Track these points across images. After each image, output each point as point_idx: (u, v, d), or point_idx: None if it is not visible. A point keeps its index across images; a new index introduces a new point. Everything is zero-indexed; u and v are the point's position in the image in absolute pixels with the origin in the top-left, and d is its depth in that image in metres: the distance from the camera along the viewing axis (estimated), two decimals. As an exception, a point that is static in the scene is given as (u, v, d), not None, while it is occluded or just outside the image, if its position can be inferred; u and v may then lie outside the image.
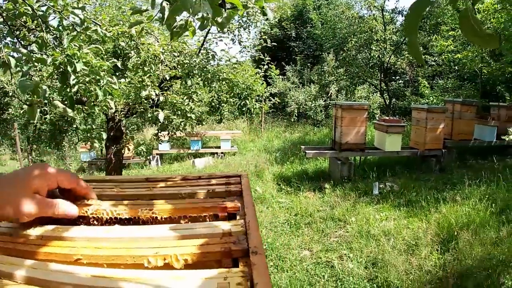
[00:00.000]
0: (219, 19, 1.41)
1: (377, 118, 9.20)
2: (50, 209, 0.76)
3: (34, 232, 0.75)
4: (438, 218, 5.57)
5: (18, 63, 2.40)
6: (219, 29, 1.57)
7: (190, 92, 5.32)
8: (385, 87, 14.69)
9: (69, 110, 2.42)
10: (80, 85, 2.96)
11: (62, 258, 0.65)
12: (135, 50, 5.29)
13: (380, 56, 13.24)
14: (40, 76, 4.60)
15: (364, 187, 7.30)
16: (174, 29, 1.58)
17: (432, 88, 14.31)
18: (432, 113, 7.83)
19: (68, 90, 2.88)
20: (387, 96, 14.55)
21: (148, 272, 0.59)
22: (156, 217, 0.77)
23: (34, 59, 2.32)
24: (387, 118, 8.37)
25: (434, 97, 13.29)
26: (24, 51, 2.28)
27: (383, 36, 13.05)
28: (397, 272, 4.32)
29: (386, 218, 5.85)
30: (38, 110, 2.09)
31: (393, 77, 16.37)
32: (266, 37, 6.20)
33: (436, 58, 14.75)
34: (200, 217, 0.76)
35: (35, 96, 2.02)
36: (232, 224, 0.72)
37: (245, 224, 0.72)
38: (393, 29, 13.72)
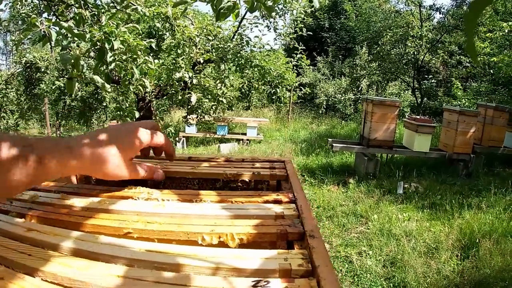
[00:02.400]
0: (269, 2, 1.38)
1: (407, 117, 9.00)
2: (140, 174, 0.82)
3: (79, 203, 0.74)
4: (460, 223, 5.44)
5: (58, 37, 2.43)
6: (267, 13, 1.54)
7: (222, 76, 5.31)
8: (417, 86, 14.36)
9: (107, 86, 2.44)
10: (117, 62, 2.97)
11: (111, 231, 0.64)
12: (170, 32, 5.29)
13: (415, 53, 12.92)
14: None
15: (388, 185, 7.18)
16: (221, 11, 1.56)
17: (465, 90, 13.87)
18: (464, 116, 7.59)
19: (104, 67, 2.90)
20: (419, 95, 14.23)
21: (205, 249, 0.57)
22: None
23: (75, 33, 2.33)
24: (418, 117, 8.16)
25: (466, 99, 12.85)
26: (65, 25, 2.30)
27: (419, 33, 12.70)
28: (415, 273, 4.24)
29: (408, 218, 5.75)
30: (77, 84, 2.11)
31: (426, 76, 15.96)
32: (302, 25, 6.12)
33: (471, 60, 14.30)
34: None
35: (75, 70, 2.04)
36: (284, 207, 0.70)
37: (297, 208, 0.70)
38: (429, 26, 13.33)
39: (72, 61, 1.93)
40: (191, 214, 0.67)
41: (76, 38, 2.63)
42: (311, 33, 6.60)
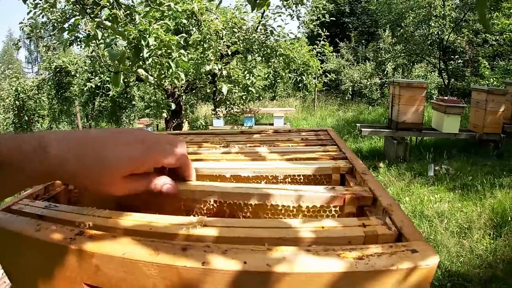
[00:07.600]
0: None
1: (434, 99, 8.90)
2: (142, 187, 0.62)
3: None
4: (492, 203, 5.43)
5: (103, 36, 2.60)
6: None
7: (250, 67, 5.44)
8: (443, 66, 14.11)
9: (150, 78, 2.60)
10: (153, 57, 3.14)
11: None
12: (196, 27, 5.45)
13: (439, 33, 12.70)
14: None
15: (419, 168, 7.18)
16: (258, 1, 1.68)
17: (492, 69, 13.50)
18: (493, 95, 7.43)
19: (141, 63, 3.08)
20: (446, 76, 13.99)
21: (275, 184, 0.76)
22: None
23: (118, 32, 2.50)
24: (446, 98, 8.07)
25: (494, 78, 12.49)
26: (109, 24, 2.47)
27: (442, 12, 12.47)
28: (448, 253, 4.28)
29: (440, 200, 5.75)
30: (122, 78, 2.27)
31: (452, 56, 15.65)
32: (325, 11, 6.18)
33: (498, 37, 13.94)
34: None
35: (121, 65, 2.21)
36: (336, 156, 0.87)
37: (346, 157, 0.85)
38: (452, 4, 13.06)
39: (119, 56, 2.09)
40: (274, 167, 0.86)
41: (117, 37, 2.80)
42: (334, 18, 6.63)
